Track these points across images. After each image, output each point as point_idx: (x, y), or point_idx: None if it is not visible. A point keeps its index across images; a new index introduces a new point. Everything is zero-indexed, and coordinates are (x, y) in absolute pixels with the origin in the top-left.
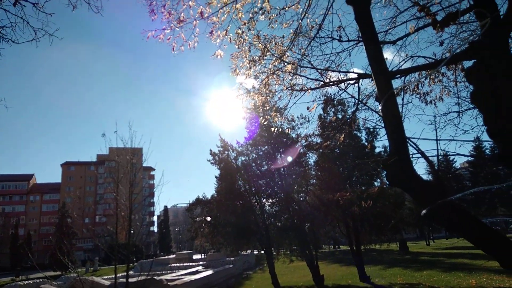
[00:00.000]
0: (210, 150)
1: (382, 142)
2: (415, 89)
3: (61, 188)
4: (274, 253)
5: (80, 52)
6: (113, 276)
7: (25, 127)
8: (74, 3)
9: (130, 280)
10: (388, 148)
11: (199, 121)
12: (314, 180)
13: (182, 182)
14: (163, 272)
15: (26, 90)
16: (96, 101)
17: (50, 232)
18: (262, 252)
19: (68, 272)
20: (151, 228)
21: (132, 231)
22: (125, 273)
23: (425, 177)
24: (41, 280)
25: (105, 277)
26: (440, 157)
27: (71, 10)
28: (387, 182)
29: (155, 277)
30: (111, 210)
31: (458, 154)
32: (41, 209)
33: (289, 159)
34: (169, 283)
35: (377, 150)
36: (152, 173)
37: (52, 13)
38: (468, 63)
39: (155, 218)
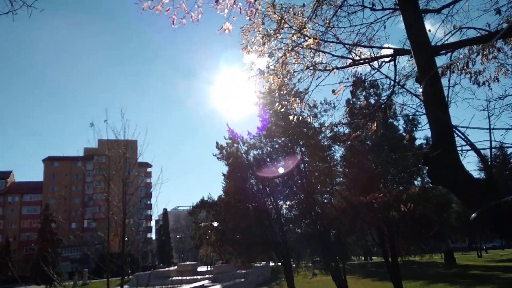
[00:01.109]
0: (217, 143)
1: (423, 133)
2: (464, 67)
3: (43, 188)
4: (294, 265)
5: (63, 27)
6: None
7: (0, 117)
8: None
9: None
10: (431, 139)
11: (204, 108)
12: (341, 179)
13: (184, 180)
14: (163, 286)
15: (1, 74)
16: (82, 85)
17: (31, 238)
18: (279, 264)
19: (53, 286)
20: (149, 235)
21: (126, 238)
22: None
23: (475, 174)
24: None
25: None
26: (494, 149)
27: None
28: (429, 180)
29: None
30: (102, 214)
31: None
32: (21, 212)
33: (311, 153)
34: None
35: (417, 142)
36: (148, 169)
37: None
38: None
39: (153, 223)
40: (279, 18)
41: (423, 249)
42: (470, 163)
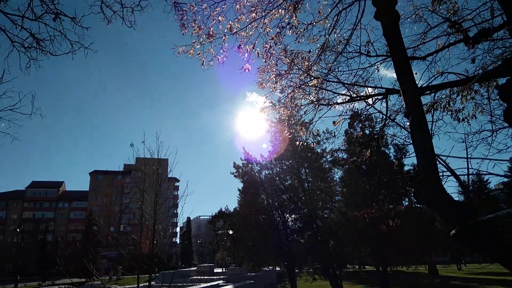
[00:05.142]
0: (234, 163)
1: (411, 160)
2: (447, 106)
3: (88, 196)
4: (297, 270)
5: (112, 64)
6: (135, 285)
7: (57, 136)
8: (109, 18)
9: None
10: (417, 165)
11: (224, 134)
12: (339, 197)
13: (205, 194)
14: (184, 284)
15: (59, 101)
16: (125, 112)
17: (76, 239)
18: (284, 269)
19: (92, 279)
20: (174, 239)
21: (155, 241)
22: (147, 283)
23: (455, 196)
24: (66, 286)
25: (127, 286)
26: (471, 176)
27: (106, 24)
28: (415, 201)
29: None
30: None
31: (491, 174)
32: (69, 216)
33: (314, 174)
34: None
35: (406, 168)
36: (176, 184)
37: (89, 27)
38: (502, 81)
39: (178, 230)
40: (290, 61)
41: (410, 261)
42: (451, 187)
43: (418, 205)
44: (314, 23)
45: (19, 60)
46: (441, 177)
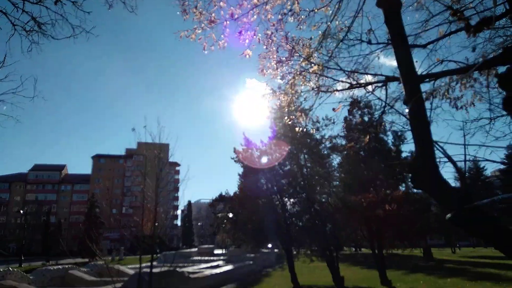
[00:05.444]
0: (234, 148)
1: (409, 147)
2: (445, 93)
3: (91, 179)
4: (295, 252)
5: (113, 49)
6: (137, 265)
7: (60, 120)
8: (111, 2)
9: (154, 270)
10: (415, 152)
11: (225, 120)
12: (337, 182)
13: (206, 178)
14: (185, 264)
15: (61, 85)
16: (127, 97)
17: (79, 221)
18: (283, 250)
19: (95, 259)
20: (175, 222)
21: (157, 224)
22: (149, 263)
23: (452, 182)
24: (69, 265)
25: (129, 266)
26: (468, 162)
27: (107, 9)
28: (412, 186)
29: (178, 269)
30: (138, 202)
31: (487, 160)
32: (72, 198)
33: (313, 160)
34: (190, 276)
35: (403, 154)
36: (177, 168)
37: (90, 11)
38: (502, 69)
39: (179, 212)
40: (291, 48)
41: (405, 244)
42: (448, 172)
43: (415, 191)
44: (316, 10)
45: (20, 43)
46: (438, 163)
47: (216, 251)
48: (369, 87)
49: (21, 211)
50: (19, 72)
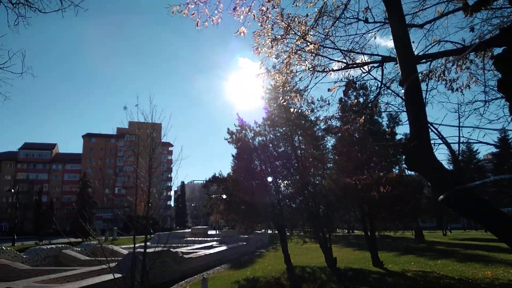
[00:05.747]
0: (228, 129)
1: (403, 129)
2: (441, 75)
3: (82, 159)
4: (288, 233)
5: (104, 25)
6: (131, 245)
7: (50, 98)
8: None
9: (148, 250)
10: (409, 134)
11: (218, 100)
12: (332, 164)
13: (199, 159)
14: (179, 245)
15: (51, 61)
16: (118, 74)
17: (71, 200)
18: (276, 232)
19: (88, 239)
20: (168, 202)
21: (150, 204)
22: (142, 244)
23: (445, 165)
24: (63, 245)
25: (123, 246)
26: (462, 145)
27: None
28: (406, 167)
29: (171, 249)
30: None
31: (481, 142)
32: (63, 178)
33: (307, 141)
34: (184, 256)
35: (397, 137)
36: (170, 148)
37: None
38: (498, 51)
39: (172, 193)
40: (286, 25)
41: (397, 226)
42: (441, 154)
43: (408, 173)
44: None
45: (7, 17)
46: (432, 144)
47: (210, 232)
48: (366, 67)
49: (13, 190)
50: (6, 47)
